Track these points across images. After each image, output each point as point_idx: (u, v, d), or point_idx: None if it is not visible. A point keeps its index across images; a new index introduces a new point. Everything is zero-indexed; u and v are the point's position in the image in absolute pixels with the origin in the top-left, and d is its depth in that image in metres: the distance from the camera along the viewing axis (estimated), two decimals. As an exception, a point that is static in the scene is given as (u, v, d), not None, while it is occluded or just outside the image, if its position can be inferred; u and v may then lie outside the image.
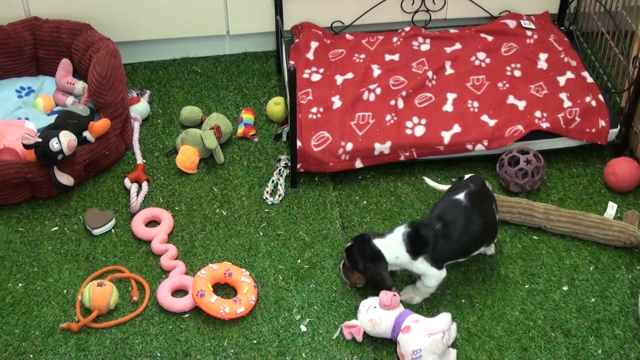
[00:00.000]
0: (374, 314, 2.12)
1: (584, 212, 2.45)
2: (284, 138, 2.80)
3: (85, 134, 2.54)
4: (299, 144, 2.57)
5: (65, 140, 2.43)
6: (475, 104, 2.73)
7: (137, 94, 2.92)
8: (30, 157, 2.47)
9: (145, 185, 2.59)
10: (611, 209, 2.54)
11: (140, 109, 2.85)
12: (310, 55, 2.94)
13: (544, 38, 3.02)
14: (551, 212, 2.45)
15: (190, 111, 2.84)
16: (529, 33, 3.04)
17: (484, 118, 2.69)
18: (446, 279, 2.26)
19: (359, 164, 2.61)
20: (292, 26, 3.08)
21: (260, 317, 2.23)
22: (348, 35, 3.06)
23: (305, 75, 2.86)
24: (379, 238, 2.21)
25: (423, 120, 2.67)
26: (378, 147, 2.59)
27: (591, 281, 2.33)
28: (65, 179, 2.48)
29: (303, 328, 2.20)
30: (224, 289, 2.31)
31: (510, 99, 2.75)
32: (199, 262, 2.38)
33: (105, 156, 2.62)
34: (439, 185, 2.48)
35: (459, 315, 2.23)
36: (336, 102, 2.73)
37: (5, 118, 2.72)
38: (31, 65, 2.91)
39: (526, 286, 2.32)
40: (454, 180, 2.44)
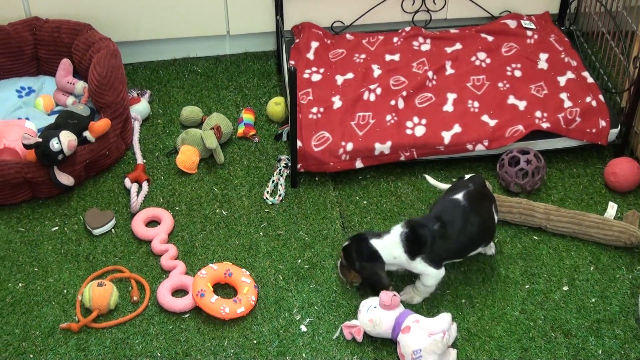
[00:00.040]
0: (374, 314, 2.12)
1: (585, 212, 2.45)
2: (284, 138, 2.79)
3: (86, 134, 2.54)
4: (299, 144, 2.57)
5: (65, 140, 2.43)
6: (476, 104, 2.73)
7: (138, 94, 2.92)
8: (31, 157, 2.47)
9: (145, 185, 2.59)
10: (611, 209, 2.53)
11: (140, 109, 2.85)
12: (310, 55, 2.94)
13: (544, 38, 3.01)
14: (551, 212, 2.45)
15: (190, 111, 2.84)
16: (529, 33, 3.03)
17: (485, 118, 2.68)
18: (445, 278, 2.26)
19: (359, 164, 2.61)
20: (293, 26, 3.08)
21: (261, 317, 2.22)
22: (348, 35, 3.06)
23: (305, 75, 2.86)
24: (376, 238, 2.20)
25: (423, 120, 2.67)
26: (378, 147, 2.59)
27: (591, 281, 2.33)
28: (65, 179, 2.48)
29: (303, 328, 2.20)
30: (224, 289, 2.31)
31: (511, 99, 2.75)
32: (199, 262, 2.38)
33: (105, 156, 2.62)
34: (440, 184, 2.48)
35: (459, 316, 2.23)
36: (336, 102, 2.73)
37: (6, 118, 2.72)
38: (31, 65, 2.91)
39: (526, 286, 2.31)
40: (454, 180, 2.43)
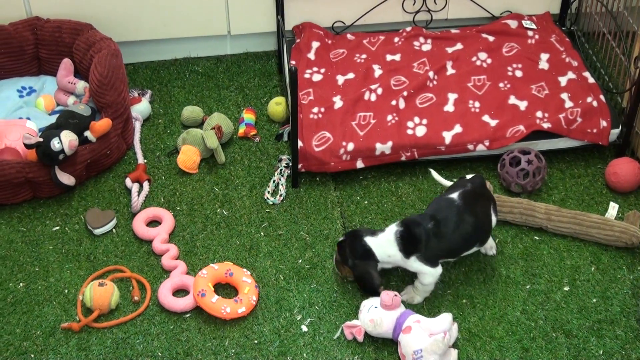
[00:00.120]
0: (375, 314, 2.12)
1: (585, 213, 2.45)
2: (285, 138, 2.79)
3: (87, 133, 2.54)
4: (300, 144, 2.57)
5: (66, 140, 2.43)
6: (477, 104, 2.73)
7: (139, 94, 2.92)
8: (32, 157, 2.47)
9: (146, 185, 2.59)
10: (612, 209, 2.53)
11: (141, 108, 2.85)
12: (311, 55, 2.94)
13: (545, 38, 3.01)
14: (552, 213, 2.45)
15: (191, 111, 2.84)
16: (530, 33, 3.03)
17: (485, 118, 2.68)
18: (446, 278, 2.26)
19: (360, 164, 2.61)
20: (294, 26, 3.08)
21: (262, 317, 2.22)
22: (349, 35, 3.06)
23: (306, 75, 2.86)
24: (370, 236, 2.20)
25: (424, 121, 2.67)
26: (379, 147, 2.59)
27: (592, 282, 2.33)
28: (66, 179, 2.48)
29: (304, 328, 2.20)
30: (225, 288, 2.31)
31: (512, 99, 2.75)
32: (200, 262, 2.38)
33: (106, 156, 2.62)
34: (444, 180, 2.47)
35: (460, 316, 2.23)
36: (337, 102, 2.73)
37: (7, 118, 2.72)
38: (32, 65, 2.91)
39: (527, 286, 2.31)
40: (455, 180, 2.43)
